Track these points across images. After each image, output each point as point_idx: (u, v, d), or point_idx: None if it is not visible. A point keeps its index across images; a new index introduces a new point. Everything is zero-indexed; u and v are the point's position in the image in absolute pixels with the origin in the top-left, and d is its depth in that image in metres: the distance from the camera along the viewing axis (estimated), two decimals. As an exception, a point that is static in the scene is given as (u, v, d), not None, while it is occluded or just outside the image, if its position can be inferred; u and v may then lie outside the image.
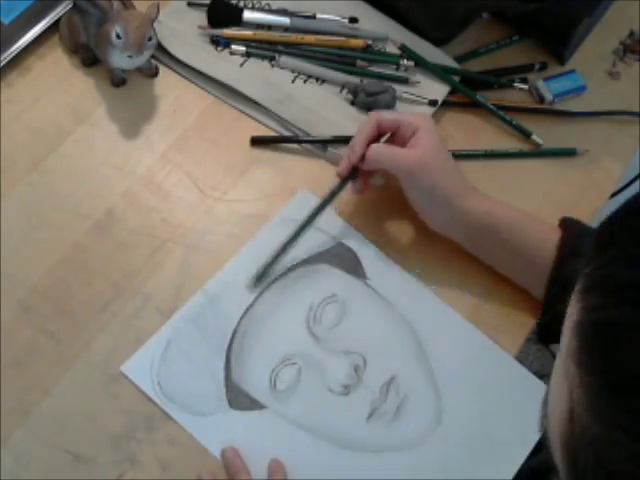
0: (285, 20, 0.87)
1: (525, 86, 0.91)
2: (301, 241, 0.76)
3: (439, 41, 0.90)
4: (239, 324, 0.73)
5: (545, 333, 0.77)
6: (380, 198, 0.81)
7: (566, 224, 0.76)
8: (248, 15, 0.87)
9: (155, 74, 0.84)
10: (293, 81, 0.85)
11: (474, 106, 0.87)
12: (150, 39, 0.76)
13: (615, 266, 0.36)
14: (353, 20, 0.88)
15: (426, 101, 0.86)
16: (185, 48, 0.84)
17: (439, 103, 0.86)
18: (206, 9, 0.86)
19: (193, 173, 0.80)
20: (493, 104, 0.87)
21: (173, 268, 0.75)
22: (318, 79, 0.86)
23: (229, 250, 0.77)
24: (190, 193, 0.79)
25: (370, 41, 0.88)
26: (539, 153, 0.87)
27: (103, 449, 0.68)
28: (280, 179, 0.81)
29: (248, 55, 0.86)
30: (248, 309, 0.74)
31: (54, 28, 0.83)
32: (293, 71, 0.86)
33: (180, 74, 0.85)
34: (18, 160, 0.78)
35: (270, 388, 0.71)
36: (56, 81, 0.82)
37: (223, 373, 0.71)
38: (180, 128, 0.82)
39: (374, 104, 0.84)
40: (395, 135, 0.77)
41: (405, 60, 0.87)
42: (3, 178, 0.77)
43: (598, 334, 0.35)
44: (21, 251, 0.74)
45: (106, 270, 0.74)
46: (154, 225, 0.77)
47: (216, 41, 0.86)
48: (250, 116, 0.84)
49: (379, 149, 0.75)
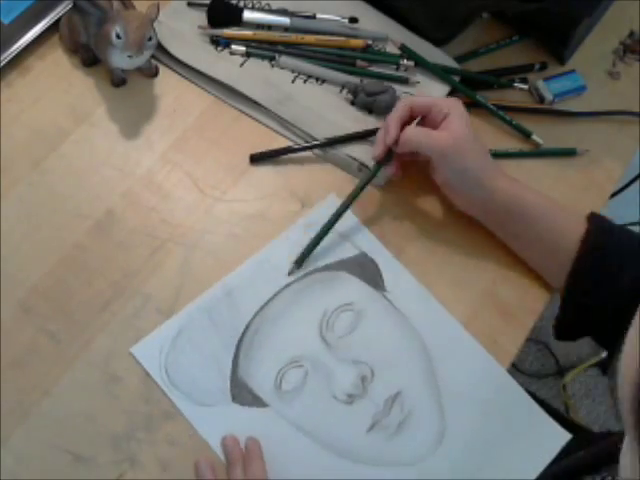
0: (285, 20, 0.87)
1: (525, 86, 0.91)
2: (324, 247, 0.77)
3: (439, 41, 0.90)
4: (252, 320, 0.73)
5: (564, 328, 0.78)
6: (386, 199, 0.82)
7: (594, 219, 0.76)
8: (248, 15, 0.87)
9: (155, 74, 0.84)
10: (293, 81, 0.85)
11: (474, 106, 0.87)
12: (150, 39, 0.76)
13: None
14: (353, 20, 0.88)
15: (426, 101, 0.86)
16: (185, 48, 0.84)
17: (439, 103, 0.86)
18: (206, 9, 0.86)
19: (193, 173, 0.80)
20: (493, 104, 0.87)
21: (173, 268, 0.75)
22: (318, 79, 0.86)
23: (229, 250, 0.77)
24: (190, 193, 0.79)
25: (370, 41, 0.88)
26: (539, 153, 0.87)
27: (103, 449, 0.68)
28: (280, 179, 0.81)
29: (248, 55, 0.86)
30: (263, 307, 0.74)
31: (54, 28, 0.83)
32: (293, 71, 0.86)
33: (180, 74, 0.85)
34: (18, 160, 0.78)
35: (275, 387, 0.71)
36: (56, 81, 0.82)
37: (230, 367, 0.71)
38: (180, 128, 0.82)
39: (374, 104, 0.84)
40: (426, 118, 0.78)
41: (405, 60, 0.87)
42: (3, 178, 0.77)
43: None
44: (21, 251, 0.74)
45: (106, 270, 0.74)
46: (154, 225, 0.77)
47: (216, 41, 0.86)
48: (250, 116, 0.84)
49: (414, 131, 0.77)
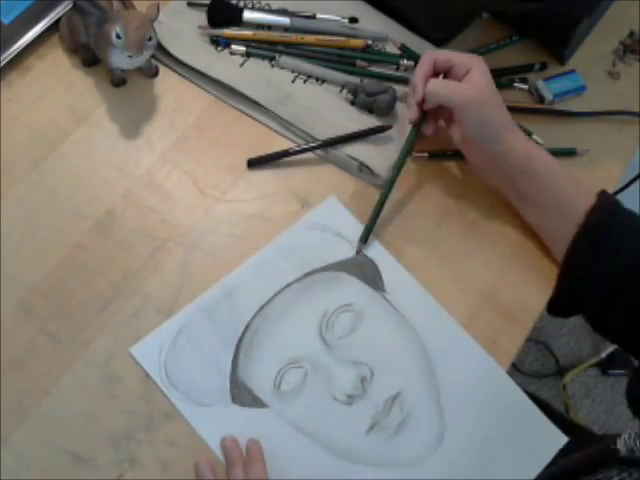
0: (285, 20, 0.87)
1: (525, 86, 0.91)
2: (324, 247, 0.77)
3: (439, 41, 0.90)
4: (252, 321, 0.73)
5: (557, 303, 0.78)
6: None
7: (603, 196, 0.77)
8: (248, 15, 0.87)
9: (155, 74, 0.84)
10: (293, 81, 0.85)
11: (474, 106, 0.87)
12: (150, 39, 0.76)
13: None
14: (353, 20, 0.88)
15: (426, 101, 0.86)
16: (185, 48, 0.84)
17: (439, 103, 0.86)
18: (206, 9, 0.86)
19: (193, 173, 0.80)
20: (493, 104, 0.87)
21: (173, 268, 0.75)
22: (318, 79, 0.86)
23: (229, 250, 0.77)
24: (190, 193, 0.79)
25: (370, 41, 0.88)
26: (539, 153, 0.87)
27: (103, 449, 0.68)
28: (280, 179, 0.81)
29: (248, 55, 0.86)
30: (263, 307, 0.74)
31: (54, 28, 0.83)
32: (293, 71, 0.86)
33: (180, 74, 0.85)
34: (18, 160, 0.78)
35: (274, 388, 0.71)
36: (56, 81, 0.82)
37: (230, 367, 0.71)
38: (180, 128, 0.82)
39: (374, 104, 0.84)
40: (448, 74, 0.79)
41: (405, 60, 0.88)
42: (3, 178, 0.77)
43: None
44: (21, 251, 0.74)
45: (106, 270, 0.74)
46: (154, 225, 0.77)
47: (216, 41, 0.86)
48: (250, 116, 0.84)
49: (439, 83, 0.78)
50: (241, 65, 0.85)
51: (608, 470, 0.65)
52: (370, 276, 0.77)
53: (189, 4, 0.87)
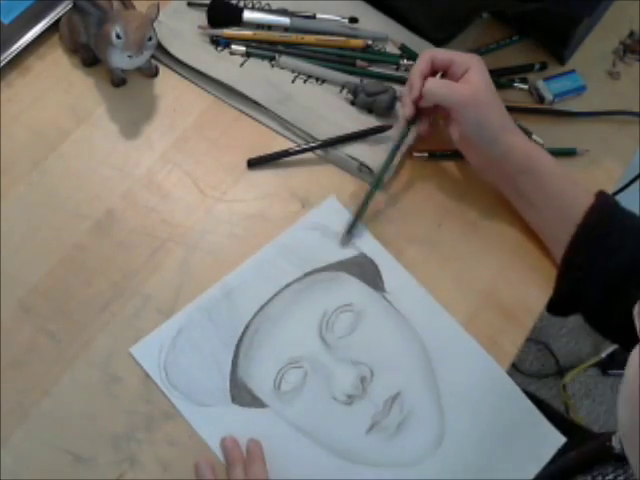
0: (285, 20, 0.87)
1: (525, 86, 0.91)
2: (324, 247, 0.77)
3: (439, 41, 0.90)
4: (252, 321, 0.73)
5: (557, 302, 0.78)
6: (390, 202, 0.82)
7: (601, 196, 0.76)
8: (248, 15, 0.87)
9: (155, 74, 0.84)
10: (293, 81, 0.85)
11: (474, 106, 0.87)
12: (150, 39, 0.76)
13: None
14: (353, 20, 0.88)
15: (426, 101, 0.86)
16: (185, 48, 0.84)
17: (439, 103, 0.86)
18: (206, 9, 0.86)
19: (193, 173, 0.80)
20: (493, 104, 0.87)
21: (173, 268, 0.75)
22: (318, 79, 0.86)
23: (229, 250, 0.77)
24: (190, 193, 0.79)
25: (370, 41, 0.88)
26: (539, 153, 0.87)
27: (103, 449, 0.68)
28: (280, 179, 0.81)
29: (248, 55, 0.86)
30: (263, 307, 0.74)
31: (54, 28, 0.83)
32: (293, 71, 0.86)
33: (180, 74, 0.85)
34: (18, 160, 0.78)
35: (274, 388, 0.71)
36: (56, 81, 0.82)
37: (230, 367, 0.71)
38: (180, 128, 0.82)
39: (374, 104, 0.84)
40: (446, 73, 0.79)
41: (405, 60, 0.88)
42: (3, 178, 0.77)
43: None
44: (21, 251, 0.74)
45: (106, 270, 0.74)
46: (154, 225, 0.77)
47: (216, 41, 0.86)
48: (250, 116, 0.84)
49: (436, 82, 0.78)
50: (241, 65, 0.85)
51: (604, 467, 0.65)
52: (370, 276, 0.77)
53: (189, 4, 0.87)
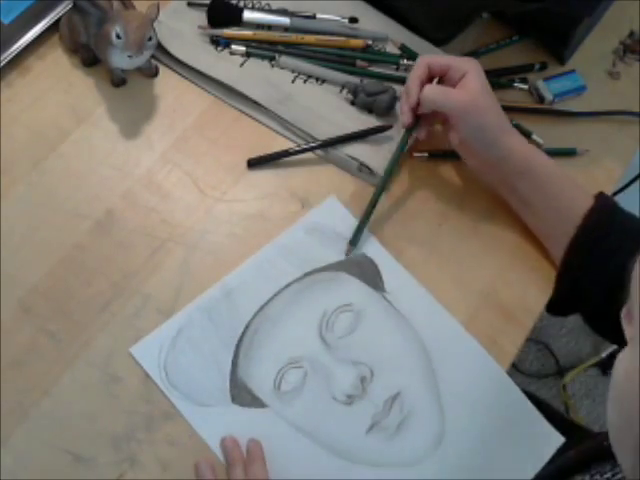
0: (285, 20, 0.87)
1: (525, 86, 0.91)
2: (324, 247, 0.77)
3: (439, 41, 0.90)
4: (252, 321, 0.73)
5: (556, 303, 0.78)
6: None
7: (601, 197, 0.76)
8: (248, 15, 0.87)
9: (155, 74, 0.84)
10: (293, 81, 0.85)
11: (474, 106, 0.87)
12: (150, 39, 0.76)
13: None
14: (353, 20, 0.88)
15: (426, 101, 0.86)
16: (185, 48, 0.84)
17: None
18: (206, 9, 0.86)
19: (193, 173, 0.80)
20: (493, 104, 0.87)
21: (173, 268, 0.75)
22: (318, 79, 0.86)
23: (229, 250, 0.77)
24: (190, 193, 0.79)
25: (370, 41, 0.88)
26: (539, 153, 0.87)
27: (103, 449, 0.68)
28: (280, 179, 0.81)
29: (248, 55, 0.86)
30: (263, 307, 0.74)
31: (54, 28, 0.83)
32: (293, 71, 0.86)
33: (180, 74, 0.85)
34: (18, 160, 0.78)
35: (274, 388, 0.71)
36: (56, 81, 0.82)
37: (230, 367, 0.71)
38: (180, 128, 0.82)
39: (374, 104, 0.84)
40: (444, 78, 0.79)
41: (405, 60, 0.87)
42: (3, 178, 0.77)
43: None
44: (21, 251, 0.74)
45: (106, 270, 0.74)
46: (154, 225, 0.77)
47: (216, 41, 0.86)
48: (250, 116, 0.84)
49: (433, 89, 0.78)
50: (241, 65, 0.85)
51: (601, 466, 0.65)
52: (370, 276, 0.77)
53: (189, 4, 0.87)
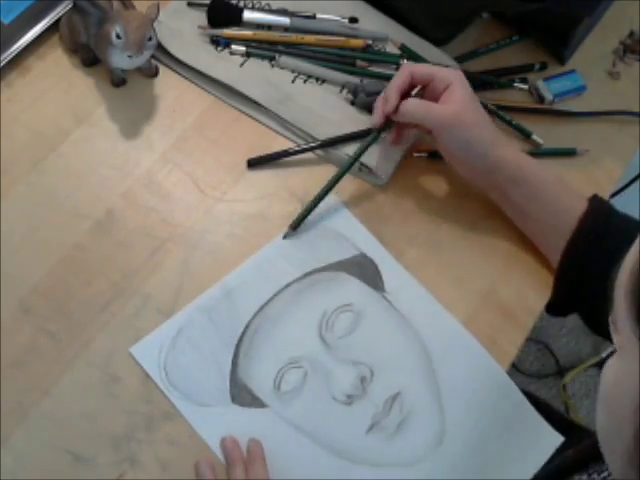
0: (285, 20, 0.87)
1: (525, 86, 0.91)
2: (324, 247, 0.77)
3: (439, 41, 0.90)
4: (252, 321, 0.73)
5: (555, 305, 0.78)
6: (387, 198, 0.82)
7: (595, 200, 0.76)
8: (248, 15, 0.87)
9: (155, 74, 0.84)
10: (293, 81, 0.85)
11: (474, 106, 0.87)
12: (150, 39, 0.76)
13: None
14: (353, 20, 0.88)
15: (426, 101, 0.85)
16: (185, 48, 0.84)
17: (439, 103, 0.86)
18: (206, 9, 0.86)
19: (193, 173, 0.80)
20: (493, 104, 0.87)
21: (173, 268, 0.75)
22: (318, 79, 0.86)
23: (229, 250, 0.77)
24: (190, 193, 0.79)
25: (370, 41, 0.88)
26: (539, 153, 0.87)
27: (103, 449, 0.67)
28: (280, 179, 0.81)
29: (248, 55, 0.86)
30: (263, 307, 0.74)
31: (54, 28, 0.83)
32: (293, 71, 0.86)
33: (180, 74, 0.85)
34: (18, 160, 0.78)
35: (274, 388, 0.71)
36: (56, 81, 0.82)
37: (229, 367, 0.71)
38: (180, 128, 0.82)
39: (374, 104, 0.84)
40: (426, 88, 0.77)
41: (405, 60, 0.87)
42: (3, 178, 0.77)
43: None
44: (21, 251, 0.74)
45: (106, 270, 0.74)
46: (154, 225, 0.77)
47: (216, 41, 0.86)
48: (250, 116, 0.84)
49: (415, 104, 0.76)
50: (241, 65, 0.85)
51: (599, 465, 0.65)
52: (370, 276, 0.77)
53: (189, 4, 0.87)
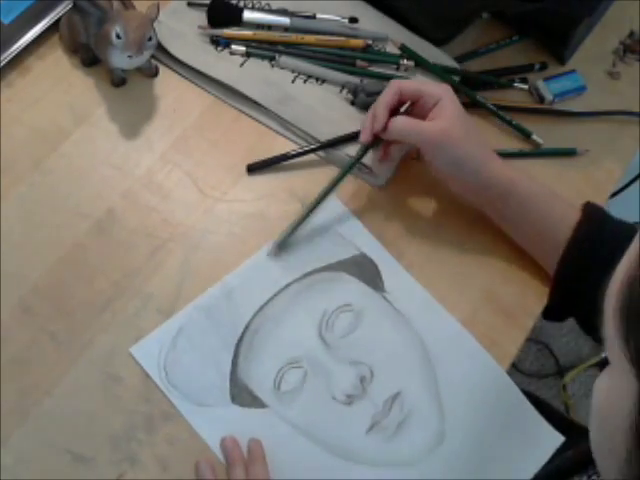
0: (285, 20, 0.87)
1: (525, 86, 0.91)
2: (324, 247, 0.77)
3: (439, 41, 0.90)
4: (252, 320, 0.73)
5: (552, 311, 0.78)
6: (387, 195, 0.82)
7: (588, 208, 0.76)
8: (248, 15, 0.87)
9: (155, 74, 0.84)
10: (293, 81, 0.85)
11: (474, 106, 0.87)
12: (150, 39, 0.76)
13: None
14: (353, 20, 0.88)
15: (426, 101, 0.85)
16: (185, 48, 0.84)
17: (439, 103, 0.86)
18: (206, 9, 0.86)
19: (193, 173, 0.80)
20: (493, 104, 0.87)
21: (173, 268, 0.75)
22: (318, 79, 0.86)
23: (229, 250, 0.77)
24: (190, 193, 0.79)
25: (370, 41, 0.88)
26: (539, 153, 0.87)
27: (103, 449, 0.68)
28: (280, 179, 0.81)
29: (248, 55, 0.86)
30: (263, 307, 0.74)
31: (54, 28, 0.83)
32: (293, 71, 0.86)
33: (180, 74, 0.85)
34: (18, 160, 0.78)
35: (274, 388, 0.71)
36: (56, 81, 0.82)
37: (229, 367, 0.71)
38: (180, 128, 0.82)
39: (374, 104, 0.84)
40: (416, 104, 0.77)
41: (405, 60, 0.87)
42: (3, 178, 0.77)
43: None
44: (21, 251, 0.74)
45: (106, 270, 0.74)
46: (154, 225, 0.77)
47: (216, 41, 0.86)
48: (250, 116, 0.84)
49: (404, 122, 0.75)
50: (241, 65, 0.85)
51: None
52: (369, 276, 0.77)
53: (189, 4, 0.87)
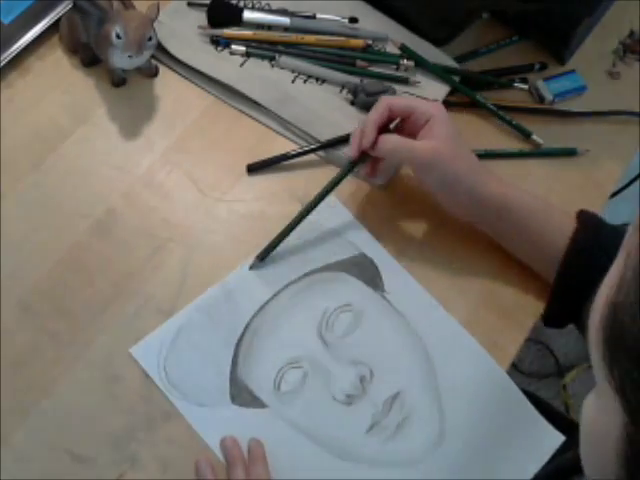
0: (285, 20, 0.87)
1: (525, 86, 0.91)
2: (324, 247, 0.77)
3: (439, 41, 0.90)
4: (252, 320, 0.73)
5: (552, 318, 0.78)
6: (386, 195, 0.82)
7: (583, 216, 0.75)
8: (248, 15, 0.87)
9: (155, 74, 0.84)
10: (293, 81, 0.85)
11: (474, 106, 0.87)
12: (150, 39, 0.76)
13: None
14: (353, 20, 0.88)
15: (426, 101, 0.85)
16: (185, 48, 0.84)
17: (439, 103, 0.86)
18: (206, 9, 0.86)
19: (193, 173, 0.80)
20: (493, 104, 0.87)
21: (173, 268, 0.75)
22: (318, 79, 0.86)
23: (229, 250, 0.77)
24: (190, 193, 0.79)
25: (370, 41, 0.88)
26: (539, 153, 0.87)
27: (103, 449, 0.67)
28: (279, 179, 0.81)
29: (248, 55, 0.86)
30: (263, 307, 0.74)
31: (54, 28, 0.83)
32: (293, 71, 0.86)
33: (180, 74, 0.85)
34: (18, 160, 0.78)
35: (274, 388, 0.71)
36: (56, 81, 0.82)
37: (229, 367, 0.71)
38: (180, 128, 0.82)
39: (374, 104, 0.84)
40: (406, 121, 0.76)
41: (405, 60, 0.87)
42: (3, 178, 0.77)
43: None
44: (21, 251, 0.74)
45: (106, 270, 0.74)
46: (154, 225, 0.77)
47: (216, 41, 0.86)
48: (250, 116, 0.84)
49: (394, 141, 0.74)
50: (241, 65, 0.85)
51: None
52: (369, 276, 0.77)
53: (189, 4, 0.87)
